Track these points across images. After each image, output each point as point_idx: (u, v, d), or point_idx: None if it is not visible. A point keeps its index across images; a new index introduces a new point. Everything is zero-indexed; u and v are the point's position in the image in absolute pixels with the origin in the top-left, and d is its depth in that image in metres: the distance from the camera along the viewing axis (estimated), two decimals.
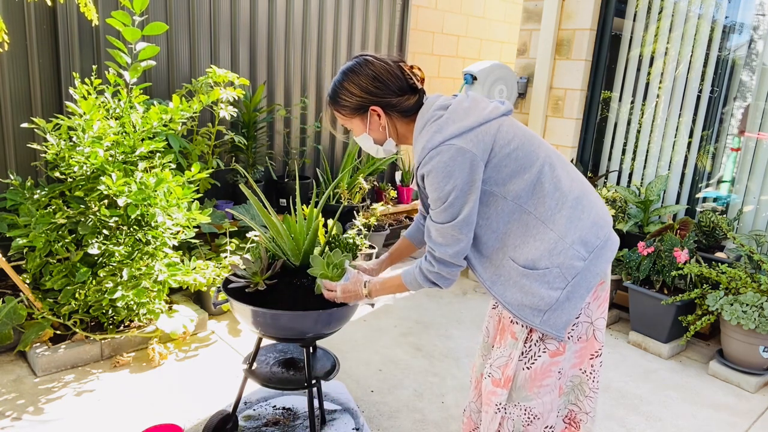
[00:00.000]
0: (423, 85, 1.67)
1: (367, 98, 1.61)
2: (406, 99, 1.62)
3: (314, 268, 1.96)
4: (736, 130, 3.87)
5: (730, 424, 2.75)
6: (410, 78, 1.62)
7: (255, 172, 4.13)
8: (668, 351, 3.39)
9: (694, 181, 4.02)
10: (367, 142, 1.69)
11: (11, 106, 3.19)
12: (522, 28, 4.70)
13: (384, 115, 1.63)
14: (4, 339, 2.74)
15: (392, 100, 1.61)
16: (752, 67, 3.78)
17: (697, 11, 3.90)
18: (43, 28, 3.22)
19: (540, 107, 4.54)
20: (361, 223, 3.81)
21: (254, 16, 4.11)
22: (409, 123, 1.64)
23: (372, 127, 1.65)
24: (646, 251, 3.45)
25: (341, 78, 1.65)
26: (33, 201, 2.82)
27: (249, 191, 2.22)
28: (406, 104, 1.62)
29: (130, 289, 2.77)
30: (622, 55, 4.30)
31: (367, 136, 1.68)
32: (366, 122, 1.64)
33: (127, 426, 2.42)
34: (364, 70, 1.61)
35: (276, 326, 1.97)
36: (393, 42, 5.09)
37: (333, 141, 4.90)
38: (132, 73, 2.99)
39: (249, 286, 2.04)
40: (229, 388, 2.73)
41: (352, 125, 1.70)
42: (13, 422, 2.39)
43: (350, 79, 1.62)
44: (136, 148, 2.81)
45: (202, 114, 3.79)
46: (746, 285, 3.12)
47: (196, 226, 3.01)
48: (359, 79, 1.61)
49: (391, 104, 1.62)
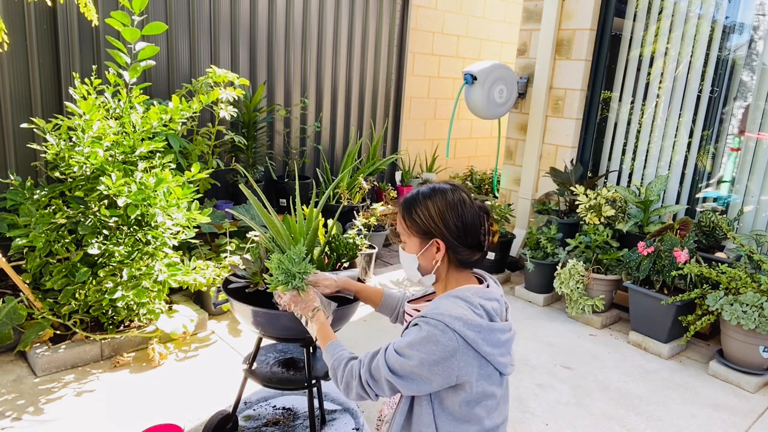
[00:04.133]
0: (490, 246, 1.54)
1: (440, 230, 1.48)
2: (471, 253, 1.50)
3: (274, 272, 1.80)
4: (736, 130, 3.87)
5: (730, 424, 2.75)
6: (484, 235, 1.51)
7: (255, 172, 4.13)
8: (668, 351, 3.39)
9: (694, 181, 4.02)
10: (412, 264, 1.56)
11: (11, 106, 3.19)
12: (522, 28, 4.70)
13: (444, 253, 1.50)
14: (4, 339, 2.74)
15: (460, 247, 1.49)
16: (752, 67, 3.78)
17: (697, 11, 3.90)
18: (43, 28, 3.22)
19: (540, 107, 4.53)
20: (361, 223, 3.81)
21: (254, 16, 4.11)
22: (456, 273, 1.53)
23: (426, 255, 1.52)
24: (646, 251, 3.44)
25: (429, 193, 1.51)
26: (33, 201, 2.82)
27: (249, 191, 2.22)
28: (468, 258, 1.51)
29: (130, 289, 2.76)
30: (622, 55, 4.30)
31: (415, 259, 1.54)
32: (423, 248, 1.51)
33: (127, 426, 2.42)
34: (453, 202, 1.48)
35: (276, 326, 1.97)
36: (393, 42, 5.09)
37: (333, 141, 4.91)
38: (132, 73, 2.99)
39: (249, 286, 2.04)
40: (229, 388, 2.73)
41: (407, 240, 1.56)
42: (13, 422, 2.39)
43: (436, 201, 1.49)
44: (135, 148, 2.81)
45: (202, 114, 3.80)
46: (746, 285, 3.12)
47: (196, 226, 3.01)
48: (445, 208, 1.48)
49: (457, 250, 1.49)
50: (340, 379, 1.51)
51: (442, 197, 1.49)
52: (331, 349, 1.60)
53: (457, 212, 1.47)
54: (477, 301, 1.42)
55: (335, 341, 1.63)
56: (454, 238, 1.48)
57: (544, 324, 3.78)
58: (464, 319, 1.36)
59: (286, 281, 1.76)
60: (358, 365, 1.48)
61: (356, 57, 4.86)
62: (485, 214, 1.52)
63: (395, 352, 1.41)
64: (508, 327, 1.47)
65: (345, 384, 1.50)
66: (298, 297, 1.76)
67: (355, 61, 4.86)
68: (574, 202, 4.21)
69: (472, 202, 1.51)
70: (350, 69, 4.85)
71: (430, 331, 1.36)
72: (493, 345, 1.40)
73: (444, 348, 1.34)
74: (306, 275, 1.79)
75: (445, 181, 1.56)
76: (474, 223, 1.49)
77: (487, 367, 1.41)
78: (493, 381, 1.44)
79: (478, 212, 1.51)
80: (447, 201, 1.48)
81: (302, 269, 1.78)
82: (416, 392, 1.41)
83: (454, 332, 1.35)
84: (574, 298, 3.71)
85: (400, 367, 1.38)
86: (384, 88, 5.16)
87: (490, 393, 1.44)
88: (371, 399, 1.49)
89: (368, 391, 1.46)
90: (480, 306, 1.42)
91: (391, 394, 1.44)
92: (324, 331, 1.69)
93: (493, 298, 1.47)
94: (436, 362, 1.35)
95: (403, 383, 1.39)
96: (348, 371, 1.49)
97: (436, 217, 1.48)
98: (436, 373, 1.36)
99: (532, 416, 2.71)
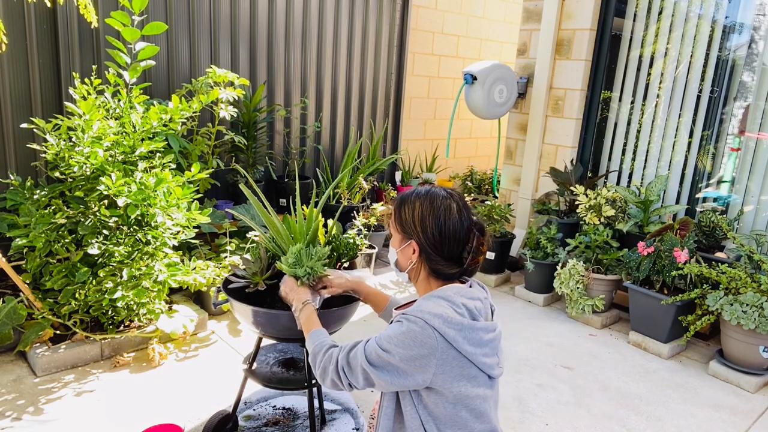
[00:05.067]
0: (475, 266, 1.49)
1: (417, 234, 1.46)
2: (447, 265, 1.46)
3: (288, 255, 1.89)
4: (736, 130, 3.87)
5: (730, 424, 2.75)
6: (468, 252, 1.46)
7: (255, 172, 4.13)
8: (668, 351, 3.39)
9: (694, 181, 4.02)
10: (393, 257, 1.58)
11: (11, 106, 3.19)
12: (522, 28, 4.70)
13: (418, 257, 1.49)
14: (4, 339, 2.74)
15: (433, 255, 1.46)
16: (752, 67, 3.78)
17: (697, 11, 3.90)
18: (43, 28, 3.22)
19: (540, 107, 4.53)
20: (361, 223, 3.80)
21: (254, 16, 4.11)
22: (432, 281, 1.49)
23: (404, 253, 1.52)
24: (646, 251, 3.44)
25: (421, 194, 1.49)
26: (33, 201, 2.82)
27: (249, 191, 2.22)
28: (443, 269, 1.47)
29: (130, 289, 2.76)
30: (622, 55, 4.30)
31: (395, 254, 1.55)
32: (402, 245, 1.51)
33: (127, 426, 2.42)
34: (437, 209, 1.45)
35: (276, 326, 1.97)
36: (393, 42, 5.09)
37: (333, 141, 4.91)
38: (131, 73, 2.99)
39: (249, 286, 2.04)
40: (229, 388, 2.73)
41: (393, 233, 1.56)
42: (13, 422, 2.39)
43: (423, 204, 1.46)
44: (135, 148, 2.81)
45: (202, 114, 3.80)
46: (746, 285, 3.12)
47: (196, 226, 3.01)
48: (427, 213, 1.45)
49: (431, 258, 1.46)
50: (318, 365, 1.52)
51: (429, 202, 1.47)
52: (315, 335, 1.62)
53: (437, 220, 1.44)
54: (459, 300, 1.40)
55: (319, 329, 1.65)
56: (429, 245, 1.45)
57: (544, 324, 3.78)
58: (444, 317, 1.35)
59: (292, 267, 1.85)
60: (338, 352, 1.49)
61: (356, 57, 4.86)
62: (478, 231, 1.47)
63: (375, 343, 1.41)
64: (492, 327, 1.44)
65: (322, 369, 1.50)
66: (295, 285, 1.83)
67: (355, 61, 4.86)
68: (574, 202, 4.21)
69: (462, 214, 1.45)
70: (350, 69, 4.85)
71: (409, 327, 1.35)
72: (475, 344, 1.38)
73: (422, 344, 1.34)
74: (314, 273, 1.87)
75: (447, 188, 1.53)
76: (455, 235, 1.44)
77: (471, 368, 1.39)
78: (478, 383, 1.41)
79: (468, 226, 1.46)
80: (432, 207, 1.46)
81: (312, 266, 1.86)
82: (390, 386, 1.39)
83: (433, 329, 1.34)
84: (574, 298, 3.71)
85: (377, 356, 1.38)
86: (384, 88, 5.16)
87: (476, 395, 1.40)
88: (344, 389, 1.49)
89: (342, 379, 1.46)
90: (462, 305, 1.40)
91: (365, 384, 1.43)
92: (310, 319, 1.72)
93: (476, 298, 1.45)
94: (413, 358, 1.34)
95: (378, 374, 1.38)
96: (326, 357, 1.50)
97: (417, 220, 1.46)
98: (412, 368, 1.35)
99: (532, 416, 2.71)
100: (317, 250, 1.92)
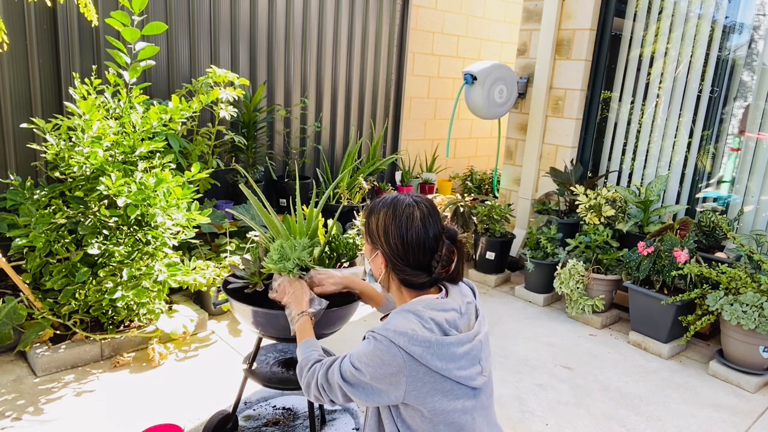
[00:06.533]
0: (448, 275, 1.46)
1: (381, 243, 1.44)
2: (415, 275, 1.43)
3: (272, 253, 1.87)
4: (736, 130, 3.87)
5: (730, 424, 2.75)
6: (438, 261, 1.43)
7: (255, 172, 4.13)
8: (668, 351, 3.39)
9: (694, 181, 4.02)
10: (368, 267, 1.56)
11: (11, 106, 3.19)
12: (522, 28, 4.70)
13: (385, 267, 1.47)
14: (4, 339, 2.74)
15: (399, 265, 1.43)
16: (752, 67, 3.78)
17: (697, 11, 3.90)
18: (43, 28, 3.22)
19: (540, 107, 4.53)
20: (361, 223, 3.80)
21: (254, 16, 4.11)
22: (404, 290, 1.47)
23: (374, 262, 1.50)
24: (646, 251, 3.44)
25: (386, 202, 1.47)
26: (33, 201, 2.82)
27: (249, 191, 2.22)
28: (411, 278, 1.44)
29: (130, 289, 2.77)
30: (622, 55, 4.30)
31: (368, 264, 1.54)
32: (372, 255, 1.49)
33: (127, 426, 2.42)
34: (399, 217, 1.42)
35: (276, 326, 1.97)
36: (393, 42, 5.09)
37: (333, 141, 4.91)
38: (131, 73, 2.99)
39: (249, 286, 2.04)
40: (229, 388, 2.73)
41: (365, 243, 1.55)
42: (13, 422, 2.39)
43: (386, 213, 1.44)
44: (135, 148, 2.81)
45: (202, 114, 3.80)
46: (746, 285, 3.12)
47: (196, 226, 3.01)
48: (390, 222, 1.43)
49: (397, 267, 1.44)
50: (302, 379, 1.53)
51: (392, 210, 1.44)
52: (304, 346, 1.62)
53: (399, 230, 1.41)
54: (427, 315, 1.36)
55: (310, 339, 1.65)
56: (393, 254, 1.43)
57: (544, 324, 3.78)
58: (410, 335, 1.31)
59: (279, 262, 1.82)
60: (319, 368, 1.48)
61: (356, 57, 4.86)
62: (449, 239, 1.45)
63: (349, 361, 1.40)
64: (468, 338, 1.38)
65: (305, 384, 1.51)
66: (290, 283, 1.81)
67: (355, 61, 4.86)
68: (574, 202, 4.21)
69: (426, 222, 1.42)
70: (350, 69, 4.85)
71: (376, 346, 1.34)
72: (445, 359, 1.33)
73: (389, 364, 1.32)
74: (302, 263, 1.85)
75: (416, 195, 1.50)
76: (420, 244, 1.41)
77: (444, 382, 1.34)
78: (456, 396, 1.36)
79: (435, 234, 1.43)
80: (394, 215, 1.43)
81: (298, 256, 1.84)
82: (368, 402, 1.38)
83: (399, 348, 1.31)
84: (574, 298, 3.71)
85: (350, 375, 1.38)
86: (384, 88, 5.16)
87: (453, 409, 1.37)
88: (326, 404, 1.49)
89: (323, 395, 1.47)
90: (431, 319, 1.36)
91: (344, 400, 1.43)
92: (303, 326, 1.71)
93: (448, 309, 1.40)
94: (384, 376, 1.33)
95: (353, 391, 1.38)
96: (310, 373, 1.51)
97: (381, 229, 1.45)
98: (384, 386, 1.34)
99: (532, 416, 2.71)
100: (299, 240, 1.90)
